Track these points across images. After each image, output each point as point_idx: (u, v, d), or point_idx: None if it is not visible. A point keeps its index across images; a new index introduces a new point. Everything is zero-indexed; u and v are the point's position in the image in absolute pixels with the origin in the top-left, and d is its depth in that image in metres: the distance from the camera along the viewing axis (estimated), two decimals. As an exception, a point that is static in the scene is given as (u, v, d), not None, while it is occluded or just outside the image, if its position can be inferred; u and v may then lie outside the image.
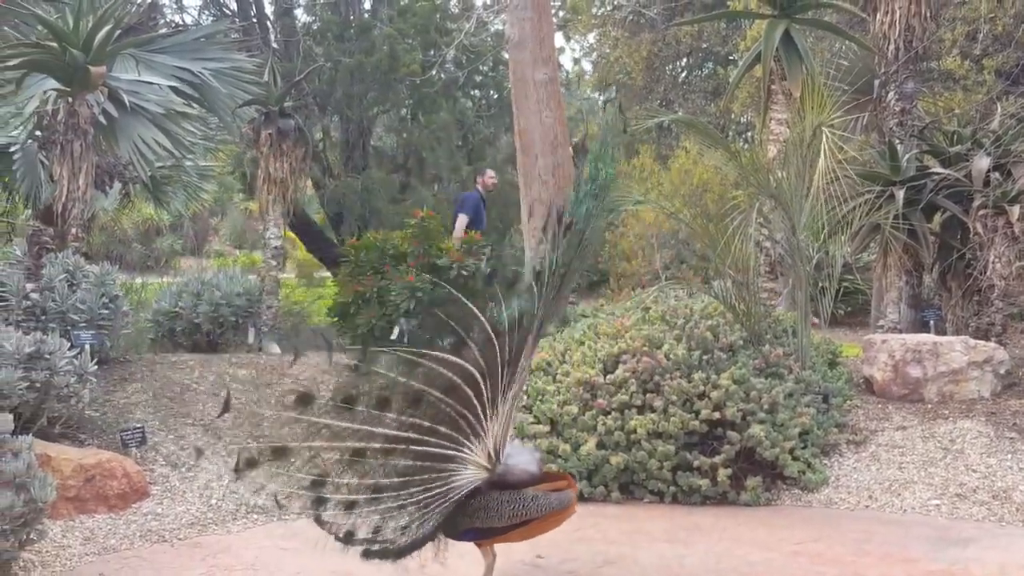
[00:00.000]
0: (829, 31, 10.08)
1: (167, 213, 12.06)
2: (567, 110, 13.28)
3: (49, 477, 3.99)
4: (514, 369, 3.69)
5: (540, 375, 5.82)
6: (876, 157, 8.22)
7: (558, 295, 3.82)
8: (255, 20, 16.11)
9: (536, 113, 9.45)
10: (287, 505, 3.54)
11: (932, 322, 7.72)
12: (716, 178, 11.95)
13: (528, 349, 3.77)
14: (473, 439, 3.62)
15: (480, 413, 3.61)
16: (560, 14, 19.04)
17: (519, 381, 3.78)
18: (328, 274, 16.41)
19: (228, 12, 16.12)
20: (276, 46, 15.68)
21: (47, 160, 7.19)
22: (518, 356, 3.69)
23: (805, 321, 6.21)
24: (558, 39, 19.28)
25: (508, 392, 3.69)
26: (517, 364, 3.70)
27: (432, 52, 15.71)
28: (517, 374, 3.72)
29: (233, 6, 16.24)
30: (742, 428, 5.31)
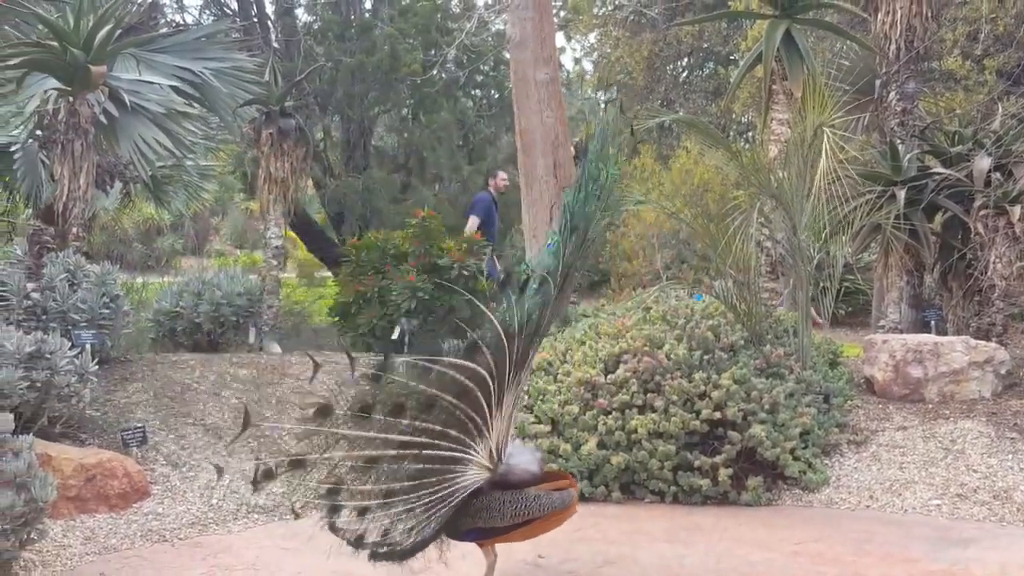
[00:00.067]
0: (830, 31, 10.08)
1: (168, 213, 12.07)
2: (568, 110, 13.26)
3: (50, 477, 3.99)
4: (520, 370, 3.70)
5: (541, 375, 5.83)
6: (877, 157, 8.22)
7: (561, 295, 3.83)
8: (256, 20, 16.11)
9: (537, 113, 9.46)
10: (303, 515, 3.51)
11: (933, 322, 7.72)
12: (717, 178, 11.96)
13: (534, 349, 3.78)
14: (478, 440, 3.62)
15: (487, 414, 3.61)
16: (561, 14, 19.04)
17: (522, 381, 3.78)
18: (329, 274, 16.42)
19: (229, 12, 16.11)
20: (277, 46, 15.67)
21: (48, 159, 7.19)
22: (525, 357, 3.70)
23: (806, 321, 6.21)
24: (559, 39, 19.28)
25: (511, 392, 3.70)
26: (523, 365, 3.70)
27: (433, 52, 15.70)
28: (522, 374, 3.73)
29: (234, 6, 16.23)
30: (743, 428, 5.31)
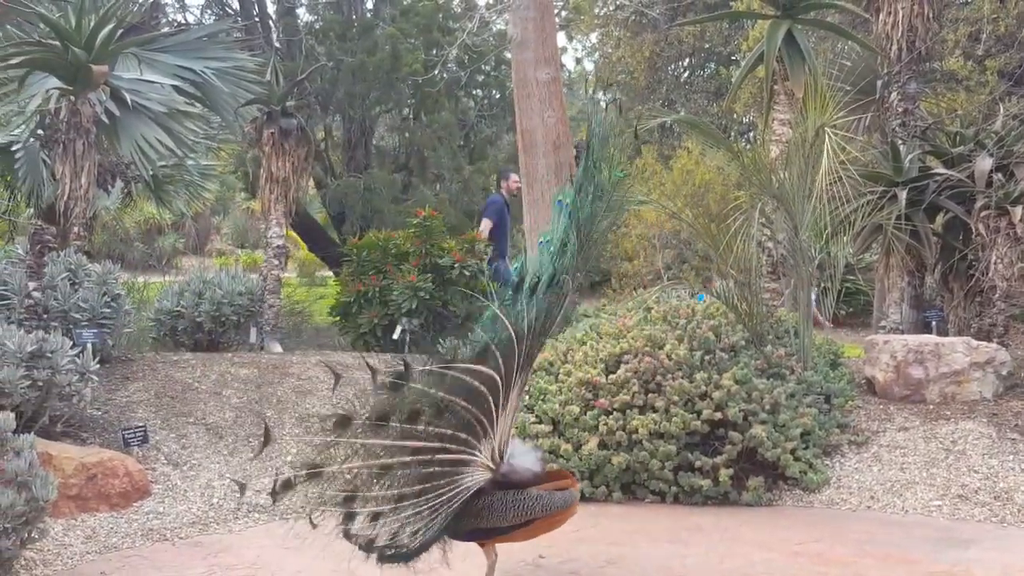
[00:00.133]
0: (832, 31, 10.07)
1: (169, 212, 12.02)
2: (570, 110, 13.24)
3: (51, 476, 3.99)
4: (526, 370, 3.71)
5: (542, 375, 5.83)
6: (879, 158, 8.21)
7: (562, 295, 3.84)
8: (257, 19, 16.10)
9: (539, 113, 9.48)
10: (320, 524, 3.51)
11: (934, 323, 7.72)
12: (718, 178, 11.94)
13: (539, 349, 3.78)
14: (483, 440, 3.63)
15: (493, 415, 3.62)
16: (562, 14, 19.04)
17: (526, 380, 3.79)
18: (330, 273, 16.43)
19: (230, 11, 16.11)
20: (278, 45, 15.67)
21: (49, 159, 7.18)
22: (531, 358, 3.71)
23: (807, 322, 6.21)
24: (560, 39, 19.26)
25: (515, 391, 3.71)
26: (529, 366, 3.71)
27: (434, 52, 15.69)
28: (526, 374, 3.74)
29: (235, 5, 16.22)
30: (744, 428, 5.31)
